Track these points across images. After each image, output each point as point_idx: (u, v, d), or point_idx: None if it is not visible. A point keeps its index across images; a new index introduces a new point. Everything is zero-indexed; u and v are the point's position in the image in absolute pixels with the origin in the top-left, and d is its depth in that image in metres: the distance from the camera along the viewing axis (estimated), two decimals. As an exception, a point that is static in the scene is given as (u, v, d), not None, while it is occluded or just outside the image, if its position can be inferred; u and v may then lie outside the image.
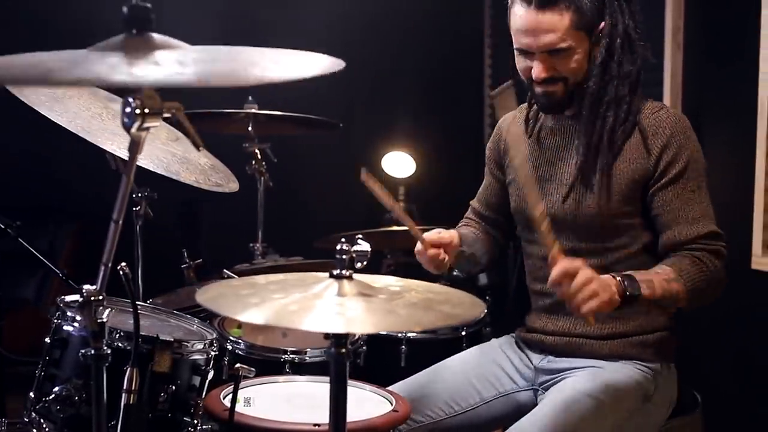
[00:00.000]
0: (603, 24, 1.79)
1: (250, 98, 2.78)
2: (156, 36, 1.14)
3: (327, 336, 1.28)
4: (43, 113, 1.74)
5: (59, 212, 4.19)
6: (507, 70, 1.91)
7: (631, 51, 1.82)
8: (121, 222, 1.27)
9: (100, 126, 1.85)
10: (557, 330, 1.92)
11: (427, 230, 1.95)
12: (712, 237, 1.79)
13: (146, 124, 1.15)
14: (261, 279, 1.35)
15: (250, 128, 2.78)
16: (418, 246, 1.84)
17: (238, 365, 1.52)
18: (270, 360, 2.18)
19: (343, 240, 1.28)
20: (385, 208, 4.31)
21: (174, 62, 1.05)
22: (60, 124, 1.74)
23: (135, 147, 1.19)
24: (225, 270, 2.39)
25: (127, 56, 1.06)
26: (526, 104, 2.01)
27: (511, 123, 2.04)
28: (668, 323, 1.90)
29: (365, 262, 1.30)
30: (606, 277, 1.64)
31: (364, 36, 4.32)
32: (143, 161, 1.87)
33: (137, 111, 1.13)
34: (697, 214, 1.79)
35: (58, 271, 2.07)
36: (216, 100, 2.37)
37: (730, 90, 2.89)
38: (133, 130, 1.15)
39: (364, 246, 1.30)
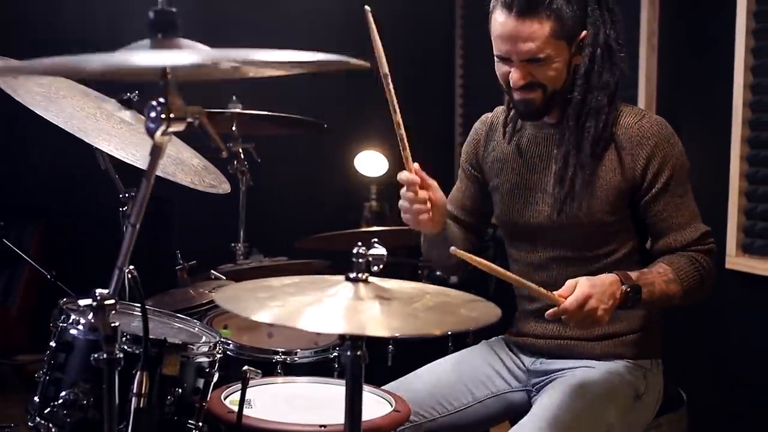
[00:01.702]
0: (584, 33, 1.80)
1: (234, 98, 2.77)
2: (182, 40, 1.14)
3: (343, 339, 1.29)
4: (39, 113, 1.72)
5: (24, 210, 4.12)
6: (478, 69, 1.93)
7: (611, 62, 1.82)
8: (138, 226, 1.27)
9: (95, 126, 1.84)
10: (548, 333, 1.94)
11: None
12: (703, 237, 1.85)
13: (170, 129, 1.15)
14: (275, 281, 1.36)
15: (234, 128, 2.76)
16: (407, 176, 1.83)
17: (245, 367, 1.52)
18: (260, 361, 2.17)
19: (359, 243, 1.30)
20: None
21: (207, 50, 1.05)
22: (57, 124, 1.72)
23: (157, 151, 1.18)
24: (212, 271, 2.38)
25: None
26: (504, 107, 2.00)
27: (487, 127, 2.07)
28: (654, 319, 1.95)
29: (381, 266, 1.31)
30: (610, 286, 1.67)
31: (336, 36, 4.32)
32: (138, 162, 1.86)
33: (162, 115, 1.13)
34: (687, 219, 1.85)
35: (46, 273, 2.04)
36: (200, 99, 2.35)
37: (705, 93, 2.96)
38: (158, 134, 1.15)
39: (380, 250, 1.31)
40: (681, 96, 3.07)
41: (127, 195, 2.25)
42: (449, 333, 2.59)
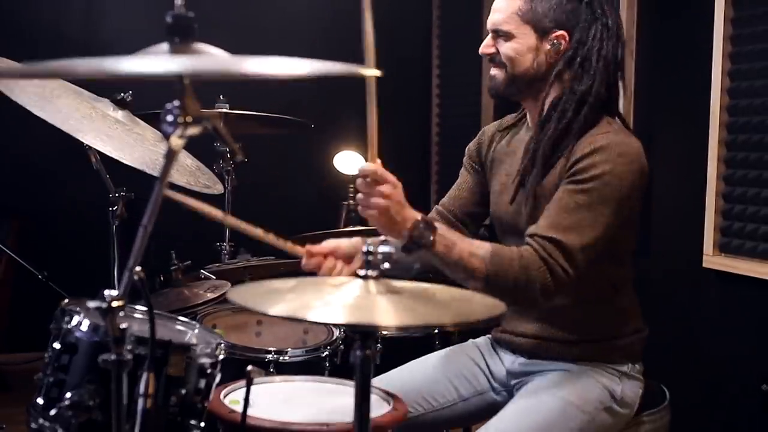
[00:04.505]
0: (559, 33, 1.83)
1: (221, 97, 2.77)
2: (199, 45, 1.15)
3: (354, 337, 1.31)
4: (35, 113, 1.71)
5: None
6: (454, 68, 1.96)
7: (586, 74, 1.82)
8: (150, 228, 1.27)
9: (91, 126, 1.83)
10: (527, 332, 1.95)
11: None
12: (559, 248, 1.69)
13: (186, 133, 1.16)
14: (286, 282, 1.36)
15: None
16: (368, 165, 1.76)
17: (250, 367, 1.53)
18: (251, 360, 2.18)
19: (369, 242, 1.31)
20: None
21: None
22: (53, 124, 1.72)
23: (172, 155, 1.19)
24: (203, 270, 2.38)
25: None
26: (515, 114, 2.08)
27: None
28: (637, 327, 1.95)
29: (391, 263, 1.33)
30: (408, 210, 1.67)
31: (314, 36, 4.34)
32: (135, 163, 1.86)
33: (179, 119, 1.14)
34: (564, 224, 1.71)
35: (38, 273, 2.03)
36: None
37: (683, 96, 3.02)
38: (174, 138, 1.16)
39: (389, 247, 1.33)
40: (659, 99, 3.14)
41: (116, 195, 2.25)
42: (436, 331, 2.63)
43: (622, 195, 1.75)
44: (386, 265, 1.32)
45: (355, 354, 1.31)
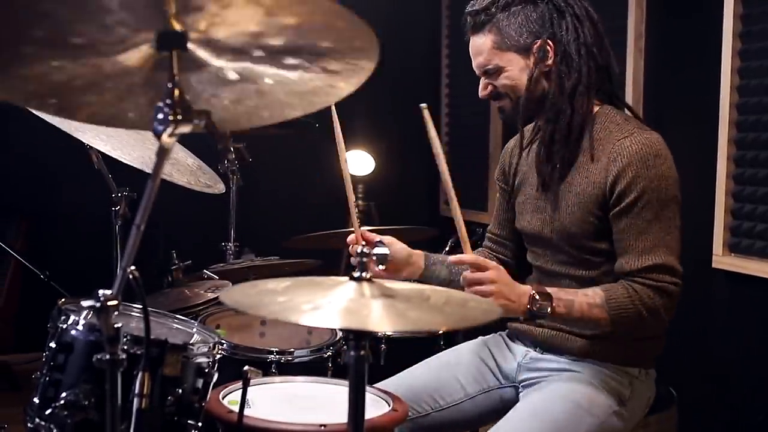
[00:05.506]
0: (539, 42, 1.84)
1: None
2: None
3: (347, 337, 1.29)
4: (34, 113, 1.71)
5: (7, 211, 4.09)
6: (463, 68, 1.98)
7: (569, 68, 1.84)
8: (143, 227, 1.26)
9: (91, 126, 1.83)
10: (545, 322, 1.94)
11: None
12: (660, 270, 1.77)
13: (177, 131, 1.15)
14: (279, 283, 1.35)
15: (225, 127, 2.75)
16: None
17: (246, 367, 1.52)
18: (254, 360, 2.17)
19: (363, 243, 1.30)
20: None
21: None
22: (53, 123, 1.72)
23: (163, 153, 1.18)
24: (205, 270, 2.37)
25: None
26: (532, 124, 2.07)
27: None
28: (655, 333, 1.92)
29: (384, 265, 1.32)
30: (518, 287, 1.74)
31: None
32: (135, 162, 1.86)
33: (170, 117, 1.13)
34: (648, 245, 1.77)
35: (40, 273, 2.02)
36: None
37: (692, 94, 2.99)
38: (164, 136, 1.15)
39: (383, 249, 1.32)
40: (668, 98, 3.11)
41: (119, 195, 2.25)
42: (440, 332, 2.61)
43: (675, 191, 1.81)
44: (381, 267, 1.31)
45: (349, 354, 1.30)
